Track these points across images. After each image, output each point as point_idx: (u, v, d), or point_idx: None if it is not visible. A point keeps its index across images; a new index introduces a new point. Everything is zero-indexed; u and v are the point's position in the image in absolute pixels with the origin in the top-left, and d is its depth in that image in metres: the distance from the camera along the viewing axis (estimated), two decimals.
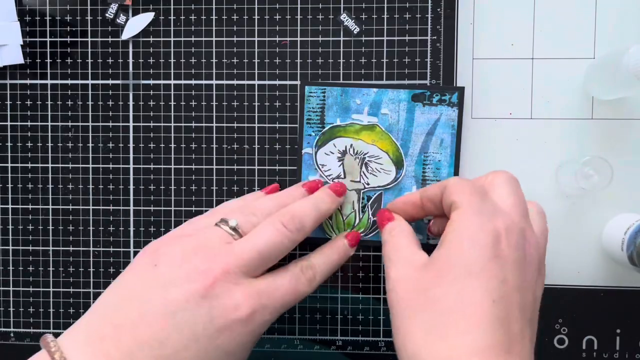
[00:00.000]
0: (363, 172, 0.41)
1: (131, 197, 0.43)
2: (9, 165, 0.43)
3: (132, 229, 0.43)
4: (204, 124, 0.42)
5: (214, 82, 0.42)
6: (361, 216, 0.41)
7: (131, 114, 0.42)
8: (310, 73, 0.41)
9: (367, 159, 0.41)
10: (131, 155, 0.42)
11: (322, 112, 0.41)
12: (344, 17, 0.41)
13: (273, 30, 0.41)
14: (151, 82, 0.42)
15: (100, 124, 0.43)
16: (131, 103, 0.42)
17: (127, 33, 0.42)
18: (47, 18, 0.42)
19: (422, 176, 0.41)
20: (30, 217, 0.43)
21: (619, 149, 0.40)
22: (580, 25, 0.40)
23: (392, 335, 0.30)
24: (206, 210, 0.42)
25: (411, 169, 0.41)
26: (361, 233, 0.41)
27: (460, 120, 0.40)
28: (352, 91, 0.41)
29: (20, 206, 0.43)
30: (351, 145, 0.41)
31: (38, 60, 0.43)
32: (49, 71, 0.43)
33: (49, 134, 0.43)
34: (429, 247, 0.41)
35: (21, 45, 0.42)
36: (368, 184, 0.41)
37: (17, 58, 0.42)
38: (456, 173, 0.40)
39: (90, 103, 0.43)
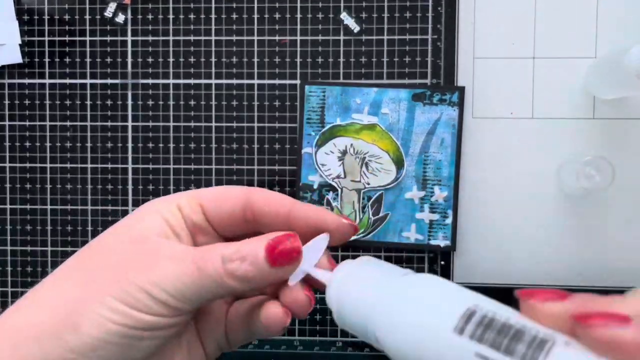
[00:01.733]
0: (363, 171, 0.41)
1: (130, 197, 0.42)
2: (7, 165, 0.43)
3: None
4: (203, 124, 0.42)
5: (213, 81, 0.42)
6: (361, 216, 0.41)
7: (130, 113, 0.42)
8: (310, 72, 0.41)
9: (367, 159, 0.41)
10: (130, 155, 0.42)
11: (322, 111, 0.41)
12: (344, 16, 0.41)
13: (273, 29, 0.41)
14: (150, 81, 0.42)
15: (99, 123, 0.42)
16: (130, 102, 0.42)
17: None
18: (46, 17, 0.42)
19: (423, 176, 0.40)
20: (28, 217, 0.43)
21: (620, 149, 0.40)
22: (582, 25, 0.40)
23: None
24: None
25: (412, 168, 0.40)
26: (362, 233, 0.41)
27: (460, 120, 0.40)
28: (352, 90, 0.41)
29: (18, 206, 0.43)
30: (351, 145, 0.41)
31: (36, 60, 0.42)
32: (47, 70, 0.42)
33: (48, 133, 0.43)
34: (430, 247, 0.41)
35: (19, 45, 0.42)
36: (368, 183, 0.41)
37: (16, 57, 0.42)
38: (457, 173, 0.40)
39: (88, 102, 0.42)
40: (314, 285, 0.26)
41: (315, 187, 0.41)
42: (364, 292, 0.23)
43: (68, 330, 0.23)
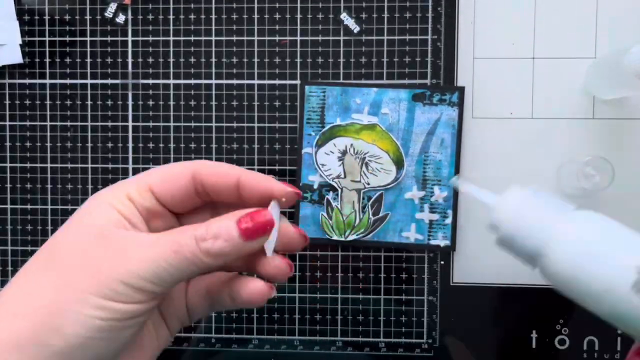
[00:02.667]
0: (363, 171, 0.41)
1: None
2: (8, 165, 0.43)
3: None
4: (203, 124, 0.42)
5: (213, 81, 0.42)
6: (361, 216, 0.41)
7: (130, 113, 0.42)
8: (310, 72, 0.41)
9: (367, 159, 0.41)
10: (130, 155, 0.42)
11: (322, 111, 0.41)
12: (344, 16, 0.41)
13: (273, 30, 0.41)
14: (150, 81, 0.42)
15: (100, 123, 0.42)
16: (130, 103, 0.42)
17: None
18: (46, 17, 0.42)
19: (423, 176, 0.40)
20: (29, 217, 0.43)
21: (620, 149, 0.40)
22: (581, 25, 0.40)
23: None
24: None
25: (412, 168, 0.40)
26: (362, 233, 0.41)
27: (460, 120, 0.40)
28: (352, 91, 0.41)
29: (19, 206, 0.43)
30: (351, 145, 0.41)
31: (37, 60, 0.42)
32: (47, 71, 0.42)
33: (48, 133, 0.43)
34: (430, 247, 0.41)
35: (20, 45, 0.42)
36: (368, 183, 0.41)
37: (16, 58, 0.42)
38: (457, 173, 0.40)
39: (89, 103, 0.42)
40: (287, 251, 0.29)
41: (315, 187, 0.41)
42: (541, 219, 0.25)
43: (51, 334, 0.23)
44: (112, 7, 0.42)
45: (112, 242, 0.25)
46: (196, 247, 0.24)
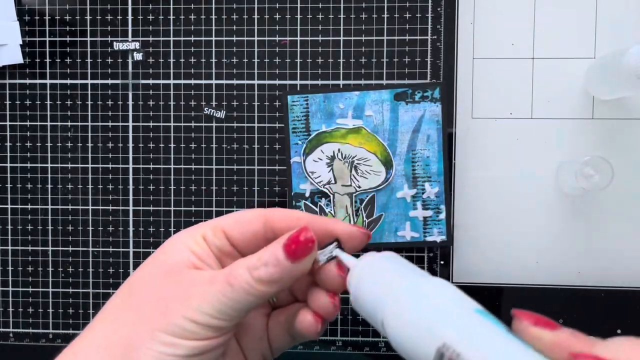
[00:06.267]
0: (353, 175, 0.41)
1: (130, 197, 0.42)
2: (8, 165, 0.43)
3: (131, 229, 0.43)
4: (203, 124, 0.42)
5: (213, 81, 0.42)
6: (355, 220, 0.41)
7: (130, 113, 0.42)
8: (310, 73, 0.41)
9: (356, 162, 0.41)
10: (130, 155, 0.42)
11: (307, 119, 0.41)
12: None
13: (273, 30, 0.41)
14: (151, 81, 0.42)
15: (100, 123, 0.43)
16: (130, 103, 0.42)
17: None
18: (47, 18, 0.42)
19: (412, 174, 0.41)
20: (29, 217, 0.43)
21: (619, 149, 0.40)
22: (581, 25, 0.40)
23: None
24: (205, 211, 0.42)
25: (401, 167, 0.40)
26: None
27: (446, 116, 0.40)
28: (334, 96, 0.41)
29: (19, 206, 0.43)
30: (339, 150, 0.41)
31: (37, 60, 0.43)
32: (48, 71, 0.43)
33: (49, 133, 0.43)
34: (427, 244, 0.41)
35: (20, 45, 0.42)
36: (359, 187, 0.41)
37: (17, 58, 0.42)
38: (446, 168, 0.40)
39: (89, 103, 0.42)
40: (353, 251, 0.29)
41: (307, 195, 0.41)
42: (380, 281, 0.25)
43: None
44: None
45: (180, 280, 0.26)
46: (250, 277, 0.25)
